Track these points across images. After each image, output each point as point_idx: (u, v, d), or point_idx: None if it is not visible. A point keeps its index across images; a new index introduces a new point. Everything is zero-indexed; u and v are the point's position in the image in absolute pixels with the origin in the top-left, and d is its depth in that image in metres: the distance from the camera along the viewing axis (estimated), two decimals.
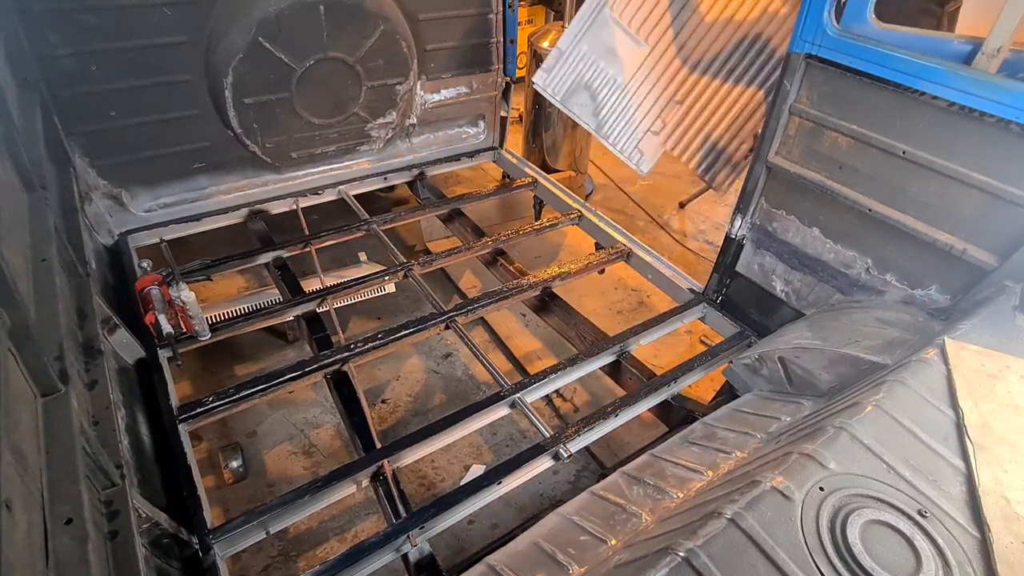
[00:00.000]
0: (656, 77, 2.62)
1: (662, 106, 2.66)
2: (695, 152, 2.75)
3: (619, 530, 1.46)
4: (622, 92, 2.60)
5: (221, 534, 1.62)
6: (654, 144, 2.70)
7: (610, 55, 2.52)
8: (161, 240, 2.72)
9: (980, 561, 1.07)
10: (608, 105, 2.60)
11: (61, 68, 2.31)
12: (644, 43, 2.53)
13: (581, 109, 2.59)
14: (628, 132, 2.65)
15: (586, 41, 2.47)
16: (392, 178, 3.42)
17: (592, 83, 2.56)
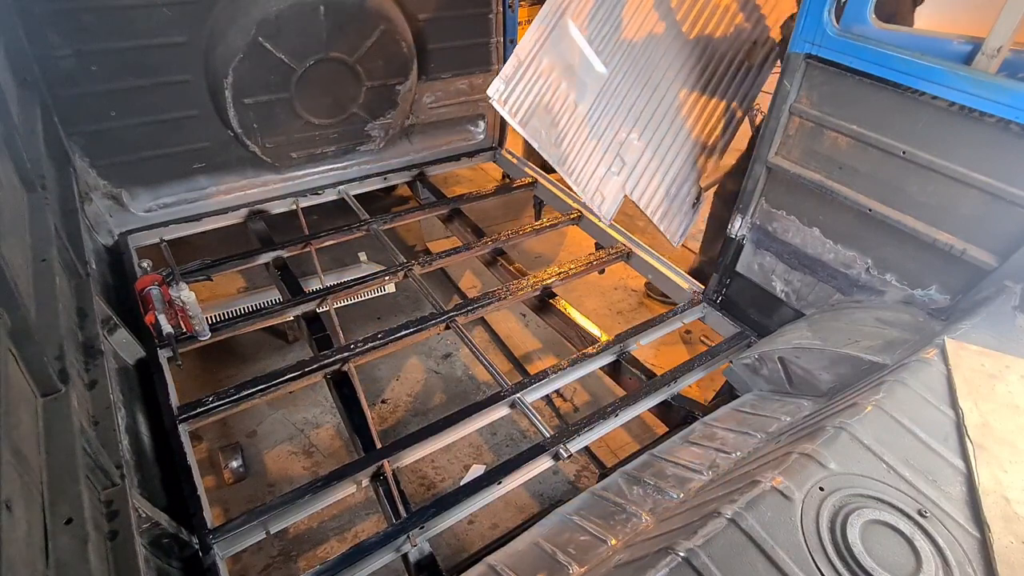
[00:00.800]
0: (615, 107, 2.38)
1: (621, 142, 2.42)
2: (651, 196, 2.53)
3: (619, 530, 1.46)
4: (583, 122, 2.31)
5: (221, 534, 1.62)
6: (615, 186, 2.43)
7: (570, 75, 2.25)
8: (161, 240, 2.72)
9: (980, 561, 1.07)
10: (570, 135, 2.29)
11: (61, 68, 2.31)
12: (604, 66, 2.33)
13: (542, 136, 2.23)
14: (590, 170, 2.36)
15: (546, 54, 2.19)
16: (392, 178, 3.42)
17: (552, 106, 2.24)
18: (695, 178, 2.58)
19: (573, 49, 2.24)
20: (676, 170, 2.56)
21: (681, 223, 2.59)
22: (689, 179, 2.58)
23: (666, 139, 2.52)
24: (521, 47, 2.13)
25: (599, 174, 2.38)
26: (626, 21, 2.33)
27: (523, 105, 2.17)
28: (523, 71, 2.14)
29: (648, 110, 2.45)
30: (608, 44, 2.31)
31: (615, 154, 2.40)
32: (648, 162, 2.48)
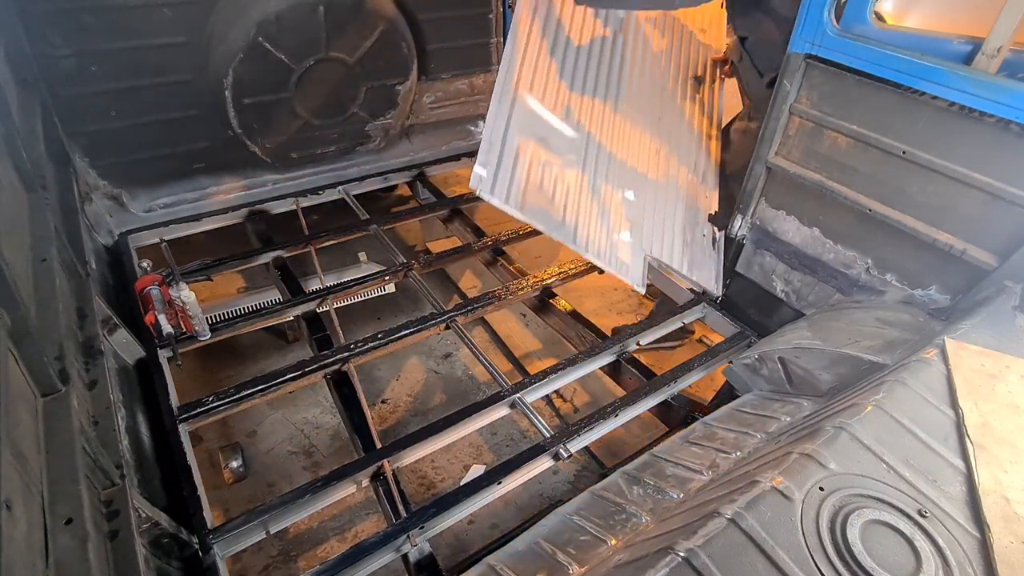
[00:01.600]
0: (603, 168, 2.16)
1: (620, 202, 2.19)
2: (671, 250, 2.30)
3: (619, 530, 1.46)
4: (578, 191, 2.07)
5: (221, 534, 1.62)
6: (633, 250, 2.17)
7: (547, 146, 2.02)
8: (161, 240, 2.72)
9: (980, 561, 1.07)
10: (570, 208, 2.03)
11: (61, 68, 2.32)
12: (574, 130, 2.10)
13: (546, 217, 1.95)
14: (603, 239, 2.10)
15: (515, 132, 1.94)
16: (392, 178, 3.42)
17: (543, 183, 1.97)
18: (703, 217, 2.46)
19: (539, 121, 2.02)
20: (682, 215, 2.39)
21: (712, 268, 2.42)
22: (698, 220, 2.45)
23: (659, 187, 2.35)
24: (488, 130, 1.89)
25: (614, 241, 2.13)
26: (572, 81, 2.18)
27: (513, 190, 1.90)
28: (499, 155, 1.89)
29: (631, 163, 2.28)
30: (568, 106, 2.14)
31: (620, 216, 2.18)
32: (652, 216, 2.28)
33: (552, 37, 2.12)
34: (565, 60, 2.14)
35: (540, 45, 2.06)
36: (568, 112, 2.10)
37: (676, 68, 2.56)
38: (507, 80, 1.97)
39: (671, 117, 2.47)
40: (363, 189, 3.30)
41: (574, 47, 2.18)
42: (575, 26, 2.20)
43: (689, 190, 2.41)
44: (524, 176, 1.92)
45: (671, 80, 2.51)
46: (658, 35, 2.45)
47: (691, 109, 2.55)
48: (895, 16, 2.67)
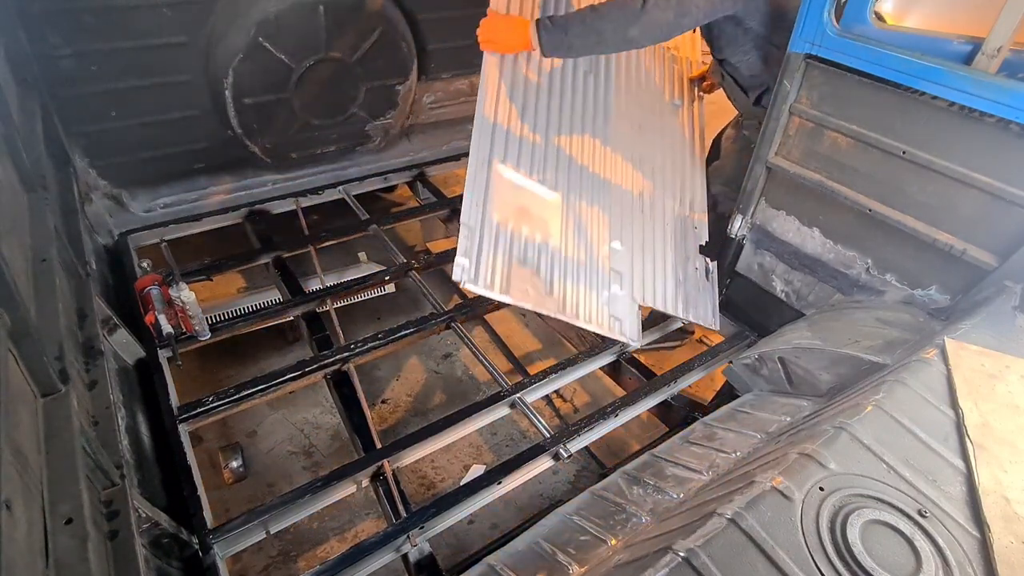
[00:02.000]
0: (585, 224, 2.11)
1: (607, 255, 2.12)
2: (664, 293, 2.23)
3: (619, 530, 1.46)
4: (562, 256, 2.00)
5: (221, 534, 1.62)
6: (625, 303, 2.10)
7: (527, 215, 1.97)
8: (161, 240, 2.72)
9: (980, 561, 1.07)
10: (556, 276, 1.96)
11: (61, 68, 2.31)
12: (554, 191, 2.04)
13: (530, 294, 1.89)
14: (593, 302, 2.03)
15: (493, 209, 1.90)
16: (392, 178, 3.42)
17: (526, 256, 1.92)
18: (693, 250, 2.37)
19: (516, 190, 1.98)
20: (672, 253, 2.30)
21: (708, 303, 2.35)
22: (689, 254, 2.36)
23: (646, 230, 2.27)
24: (466, 216, 1.84)
25: (603, 300, 2.06)
26: (547, 137, 2.11)
27: (496, 273, 1.84)
28: (479, 239, 1.84)
29: (615, 210, 2.21)
30: (545, 166, 2.07)
31: (608, 270, 2.11)
32: (642, 262, 2.21)
33: (521, 97, 2.09)
34: (537, 116, 2.11)
35: (510, 109, 2.04)
36: (545, 172, 2.06)
37: (652, 97, 2.52)
38: (479, 157, 1.95)
39: (652, 151, 2.43)
40: (363, 189, 3.30)
41: (545, 100, 2.15)
42: (543, 78, 2.18)
43: (677, 225, 2.36)
44: (507, 254, 1.88)
45: (648, 112, 2.48)
46: (629, 68, 2.40)
47: (672, 137, 2.51)
48: (895, 16, 2.67)
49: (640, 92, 2.49)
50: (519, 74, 2.10)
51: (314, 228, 2.93)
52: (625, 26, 1.84)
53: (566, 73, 2.25)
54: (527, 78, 2.12)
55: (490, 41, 1.99)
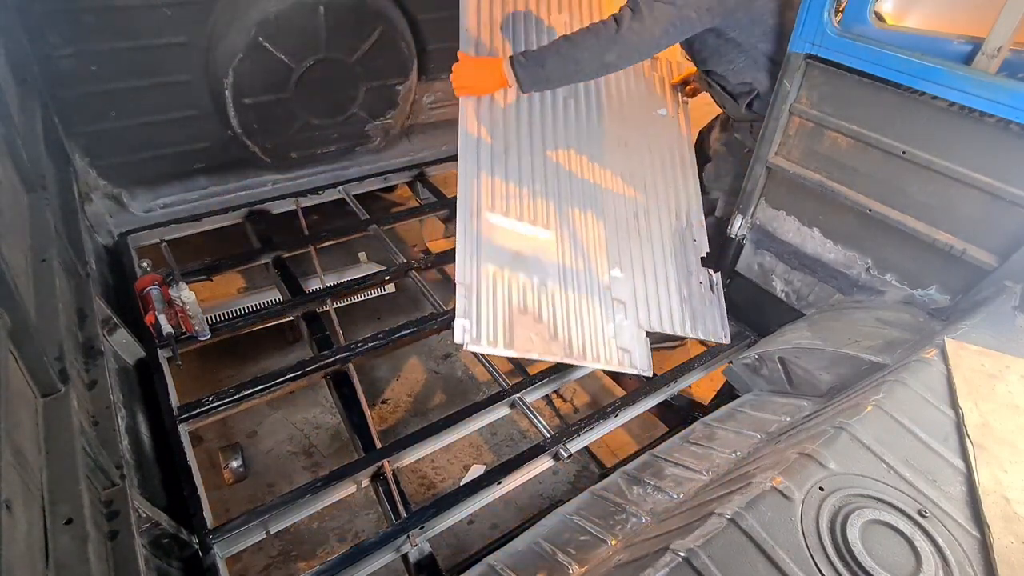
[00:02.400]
0: (582, 258, 2.07)
1: (608, 286, 2.09)
2: (670, 314, 2.20)
3: (619, 530, 1.46)
4: (563, 296, 1.96)
5: (221, 534, 1.62)
6: (631, 332, 2.06)
7: (522, 260, 1.92)
8: (161, 240, 2.72)
9: (980, 561, 1.07)
10: (559, 318, 1.92)
11: (61, 68, 2.31)
12: (547, 230, 2.01)
13: (535, 342, 1.85)
14: (599, 338, 1.99)
15: (487, 261, 1.85)
16: (392, 178, 3.42)
17: (525, 304, 1.88)
18: (695, 264, 2.33)
19: (509, 236, 1.94)
20: (673, 271, 2.25)
21: (716, 315, 2.30)
22: (691, 269, 2.32)
23: (644, 252, 2.23)
24: (460, 274, 1.79)
25: (609, 334, 2.01)
26: (533, 172, 2.09)
27: (497, 328, 1.79)
28: (475, 296, 1.79)
29: (610, 237, 2.17)
30: (536, 204, 2.04)
31: (611, 301, 2.06)
32: (644, 286, 2.17)
33: (502, 137, 2.07)
34: (520, 154, 2.09)
35: (492, 151, 2.02)
36: (535, 211, 2.03)
37: (636, 110, 2.50)
38: (467, 208, 1.91)
39: (641, 167, 2.40)
40: (363, 189, 3.30)
41: (527, 135, 2.13)
42: (522, 112, 2.16)
43: (675, 241, 2.33)
44: (506, 304, 1.84)
45: (633, 126, 2.46)
46: (608, 84, 2.37)
47: (660, 149, 2.48)
48: (895, 16, 2.66)
49: (622, 107, 2.47)
50: (496, 112, 2.09)
51: (314, 228, 2.93)
52: (601, 52, 1.83)
53: (545, 103, 2.23)
54: (505, 116, 2.11)
55: (465, 87, 1.99)
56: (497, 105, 2.12)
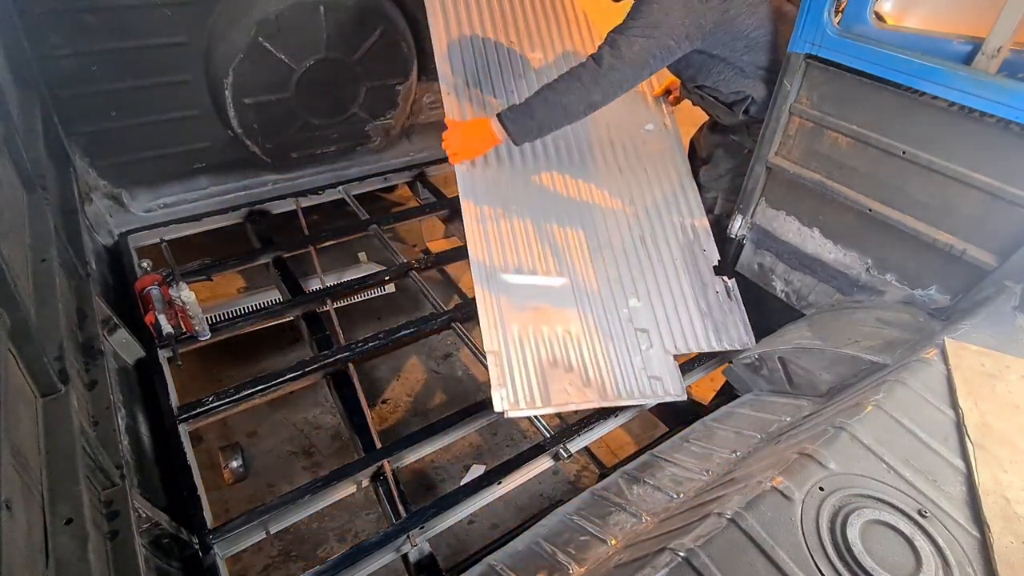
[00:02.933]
0: (597, 297, 2.08)
1: (629, 318, 2.08)
2: (692, 332, 2.18)
3: (619, 530, 1.46)
4: (589, 338, 1.96)
5: (221, 534, 1.62)
6: (659, 359, 2.06)
7: (543, 313, 1.94)
8: (161, 240, 2.72)
9: (980, 561, 1.07)
10: (587, 360, 1.93)
11: (61, 68, 2.31)
12: (560, 276, 2.03)
13: (570, 392, 1.85)
14: (629, 372, 1.98)
15: (511, 322, 1.87)
16: (392, 178, 3.42)
17: (554, 356, 1.89)
18: (708, 275, 2.31)
19: (526, 292, 1.96)
20: (688, 287, 2.24)
21: (738, 322, 2.26)
22: (705, 281, 2.28)
23: (657, 272, 2.22)
24: (489, 343, 1.81)
25: (638, 365, 2.00)
26: (536, 223, 2.10)
27: (532, 387, 1.80)
28: (506, 361, 1.80)
29: (622, 269, 2.17)
30: (546, 253, 2.05)
31: (634, 331, 2.06)
32: (663, 308, 2.16)
33: (501, 195, 2.09)
34: (522, 207, 2.10)
35: (495, 210, 2.04)
36: (547, 260, 2.05)
37: (624, 131, 2.49)
38: (481, 274, 1.93)
39: (640, 189, 2.39)
40: (363, 189, 3.30)
41: (523, 186, 2.14)
42: (516, 164, 2.18)
43: (685, 257, 2.31)
44: (536, 362, 1.86)
45: (625, 149, 2.46)
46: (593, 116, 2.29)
47: (655, 167, 2.48)
48: (895, 16, 2.66)
49: (610, 132, 2.47)
50: (491, 171, 2.12)
51: (314, 228, 2.94)
52: (587, 94, 1.84)
53: (535, 149, 2.25)
54: (499, 173, 2.13)
55: (458, 153, 2.01)
56: (490, 164, 2.14)
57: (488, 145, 2.02)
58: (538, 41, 2.55)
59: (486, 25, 2.46)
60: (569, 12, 2.70)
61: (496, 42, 2.43)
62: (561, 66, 2.49)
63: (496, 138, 1.96)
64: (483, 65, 2.36)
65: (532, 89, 2.24)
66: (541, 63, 2.50)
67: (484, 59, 2.38)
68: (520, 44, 2.49)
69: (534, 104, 1.89)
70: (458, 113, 2.19)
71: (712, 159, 2.42)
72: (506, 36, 2.49)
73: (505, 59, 2.42)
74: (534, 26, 2.58)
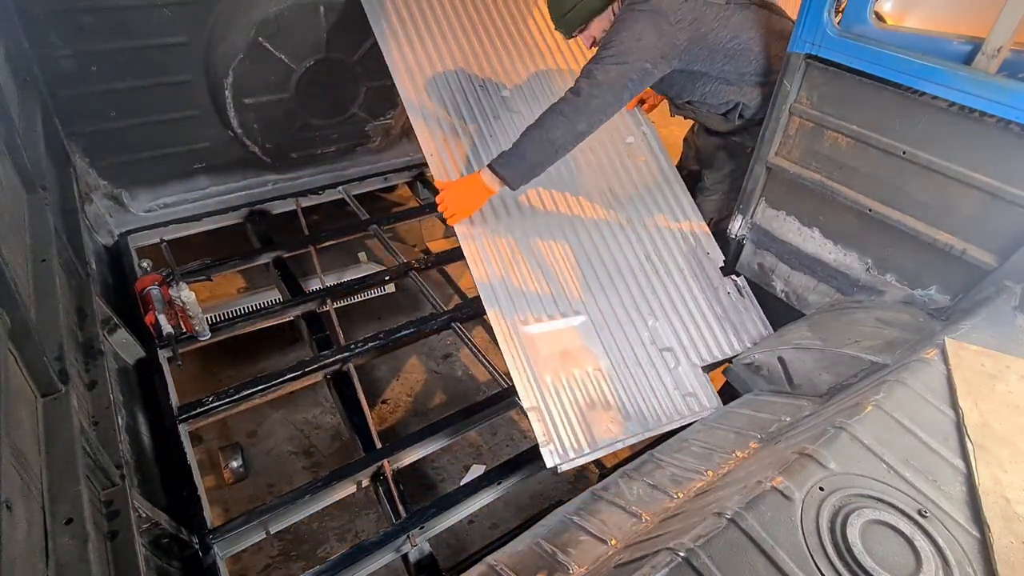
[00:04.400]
0: (619, 323, 2.09)
1: (652, 339, 2.09)
2: (714, 338, 2.19)
3: (619, 530, 1.46)
4: (620, 370, 1.98)
5: (221, 534, 1.62)
6: (689, 373, 2.07)
7: (570, 356, 1.96)
8: (161, 240, 2.72)
9: (980, 561, 1.07)
10: (622, 394, 1.94)
11: (61, 68, 2.31)
12: (578, 314, 2.04)
13: (612, 431, 1.88)
14: (661, 393, 2.00)
15: (543, 372, 1.88)
16: (392, 178, 3.42)
17: (590, 396, 1.91)
18: (717, 278, 2.32)
19: (550, 339, 1.97)
20: (700, 295, 2.25)
21: (754, 318, 2.28)
22: (715, 285, 2.30)
23: (668, 286, 2.24)
24: (527, 400, 1.82)
25: (671, 386, 2.02)
26: (542, 265, 2.12)
27: (577, 434, 1.82)
28: (549, 415, 1.82)
29: (634, 288, 2.19)
30: (557, 294, 2.07)
31: (659, 352, 2.08)
32: (682, 322, 2.17)
33: (506, 247, 2.10)
34: (526, 255, 2.11)
35: (503, 265, 2.05)
36: (561, 301, 2.06)
37: (606, 150, 2.48)
38: (503, 329, 1.93)
39: (634, 207, 2.38)
40: (363, 189, 3.30)
41: (523, 234, 2.15)
42: (514, 216, 2.19)
43: (691, 264, 2.31)
44: (575, 409, 1.87)
45: (610, 169, 2.45)
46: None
47: (644, 180, 2.47)
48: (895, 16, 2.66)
49: (595, 154, 2.46)
50: (490, 225, 2.13)
51: (314, 228, 2.94)
52: (572, 125, 1.85)
53: (525, 194, 2.23)
54: (498, 225, 2.14)
55: (456, 213, 2.02)
56: (488, 217, 2.14)
57: (483, 198, 2.02)
58: (508, 75, 2.53)
59: (450, 68, 2.44)
60: (538, 39, 2.68)
61: (466, 86, 2.42)
62: (536, 95, 2.51)
63: (490, 189, 1.95)
64: (458, 115, 2.34)
65: (509, 126, 2.24)
66: (514, 97, 2.48)
67: (457, 108, 2.36)
68: (490, 81, 2.48)
69: (523, 145, 1.89)
70: (444, 173, 2.18)
71: (715, 163, 2.41)
72: (478, 74, 2.48)
73: (477, 102, 2.40)
74: (498, 61, 2.55)
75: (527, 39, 2.67)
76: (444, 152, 2.24)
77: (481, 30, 2.60)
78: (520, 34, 2.67)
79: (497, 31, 2.63)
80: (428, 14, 2.54)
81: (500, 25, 2.65)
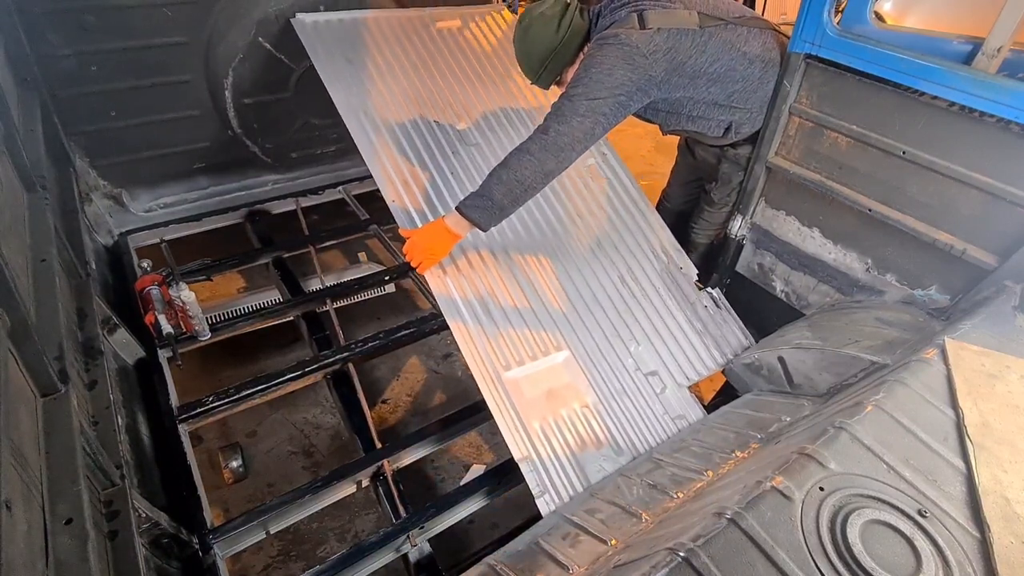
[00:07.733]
0: (602, 354, 2.06)
1: (635, 367, 2.07)
2: (696, 356, 2.18)
3: (619, 530, 1.46)
4: (602, 403, 1.95)
5: (221, 534, 1.62)
6: (675, 396, 2.05)
7: (556, 397, 1.92)
8: (161, 240, 2.72)
9: (980, 561, 1.07)
10: (612, 428, 1.91)
11: (61, 68, 2.31)
12: (559, 351, 2.01)
13: (605, 468, 1.82)
14: (651, 421, 1.97)
15: (531, 417, 1.84)
16: None
17: (582, 436, 1.86)
18: (692, 293, 2.31)
19: (533, 381, 1.93)
20: (678, 311, 2.24)
21: (733, 329, 2.29)
22: (691, 299, 2.29)
23: (646, 309, 2.22)
24: (516, 451, 1.77)
25: (659, 411, 2.00)
26: (519, 307, 2.09)
27: (571, 478, 1.77)
28: (539, 463, 1.76)
29: (612, 315, 2.16)
30: (537, 335, 2.03)
31: (644, 378, 2.06)
32: (663, 343, 2.15)
33: (478, 290, 2.06)
34: (500, 296, 2.08)
35: (475, 311, 2.03)
36: (540, 340, 2.02)
37: (569, 179, 2.45)
38: (485, 377, 1.90)
39: (602, 230, 2.34)
40: (363, 189, 3.30)
41: (496, 276, 2.12)
42: (487, 257, 2.15)
43: (666, 283, 2.29)
44: (566, 451, 1.83)
45: (576, 197, 2.42)
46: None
47: (609, 202, 2.44)
48: (895, 16, 2.66)
49: (556, 180, 2.30)
50: (461, 270, 2.09)
51: (314, 228, 2.93)
52: (540, 164, 1.79)
53: (491, 234, 2.13)
54: (470, 269, 2.11)
55: (424, 262, 1.97)
56: (459, 262, 2.10)
57: (450, 244, 1.96)
58: (463, 108, 2.52)
59: (402, 108, 2.43)
60: (488, 70, 2.67)
61: (422, 124, 2.39)
62: (493, 125, 2.49)
63: (456, 234, 1.90)
64: (416, 155, 2.32)
65: (470, 160, 2.21)
66: (472, 131, 2.46)
67: (416, 148, 2.35)
68: (444, 118, 2.46)
69: (490, 186, 1.82)
70: (408, 220, 2.15)
71: (719, 176, 2.37)
72: (431, 111, 2.46)
73: (435, 139, 2.38)
74: (451, 95, 2.54)
75: (477, 69, 2.67)
76: (406, 196, 2.21)
77: (431, 65, 2.61)
78: (471, 65, 2.68)
79: (447, 65, 2.64)
80: (377, 56, 2.54)
81: (449, 58, 2.67)
